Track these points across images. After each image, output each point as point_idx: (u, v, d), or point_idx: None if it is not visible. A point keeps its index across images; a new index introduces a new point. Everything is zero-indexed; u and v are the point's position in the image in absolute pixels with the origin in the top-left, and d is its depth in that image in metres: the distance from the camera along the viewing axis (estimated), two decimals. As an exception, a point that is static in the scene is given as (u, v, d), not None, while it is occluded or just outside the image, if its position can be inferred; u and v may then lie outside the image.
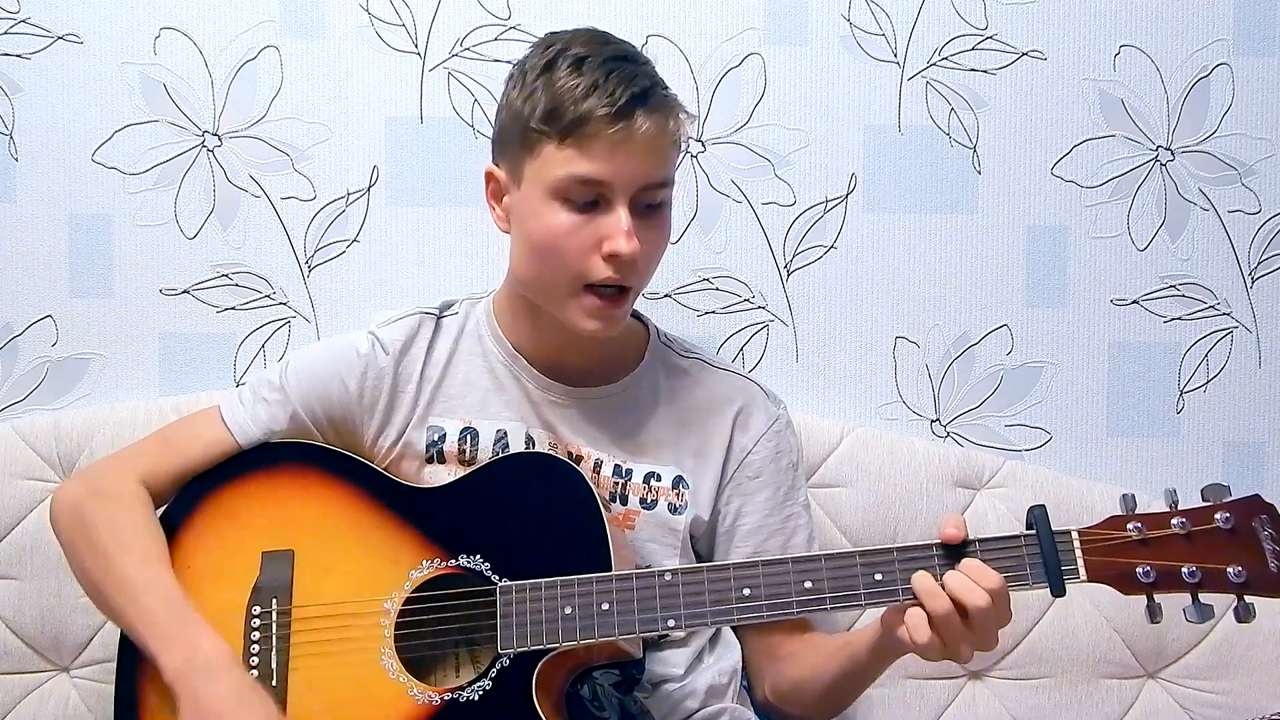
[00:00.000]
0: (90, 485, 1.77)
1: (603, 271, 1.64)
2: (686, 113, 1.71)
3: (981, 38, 2.23)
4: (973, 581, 1.46)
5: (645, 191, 1.65)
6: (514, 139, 1.67)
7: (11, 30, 2.13)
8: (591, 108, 1.59)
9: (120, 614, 1.66)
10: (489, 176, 1.75)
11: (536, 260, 1.68)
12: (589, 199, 1.63)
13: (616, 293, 1.67)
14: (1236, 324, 2.29)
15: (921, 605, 1.47)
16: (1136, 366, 2.28)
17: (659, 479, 1.78)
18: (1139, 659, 2.15)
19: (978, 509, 2.15)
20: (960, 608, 1.46)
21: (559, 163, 1.62)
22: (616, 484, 1.77)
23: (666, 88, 1.68)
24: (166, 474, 1.76)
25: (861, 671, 1.69)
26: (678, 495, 1.78)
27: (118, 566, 1.67)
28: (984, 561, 1.48)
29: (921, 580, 1.48)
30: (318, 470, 1.75)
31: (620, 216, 1.62)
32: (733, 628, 1.88)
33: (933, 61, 2.23)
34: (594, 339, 1.71)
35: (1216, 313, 2.28)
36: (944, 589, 1.47)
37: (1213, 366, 2.29)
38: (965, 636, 1.47)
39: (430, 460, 1.78)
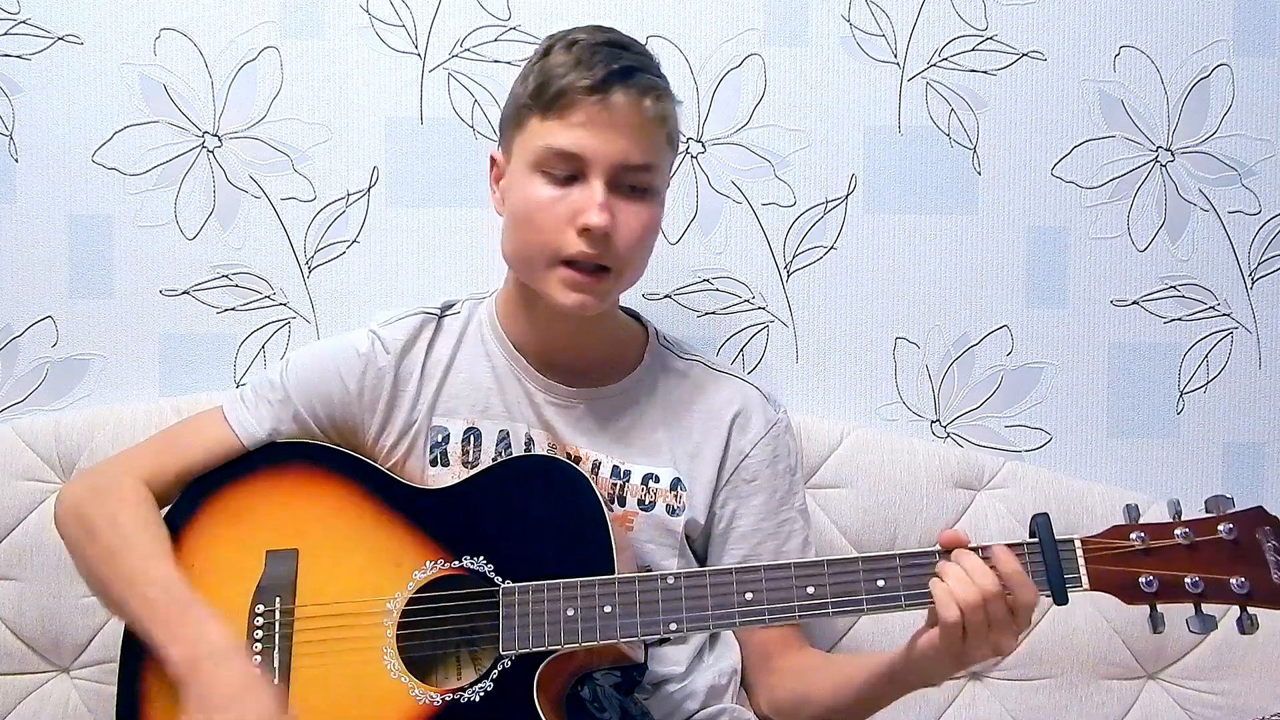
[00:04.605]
0: (91, 485, 1.77)
1: (576, 245, 1.65)
2: (673, 97, 1.73)
3: (981, 38, 2.23)
4: (982, 564, 1.48)
5: (626, 172, 1.66)
6: (509, 119, 1.73)
7: (11, 31, 2.13)
8: (572, 81, 1.64)
9: (125, 608, 1.66)
10: (492, 161, 1.79)
11: (518, 233, 1.70)
12: (568, 173, 1.66)
13: (594, 269, 1.67)
14: (1236, 325, 2.29)
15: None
16: (1136, 367, 2.28)
17: (657, 480, 1.79)
18: (1139, 660, 2.15)
19: (978, 510, 2.15)
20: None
21: (540, 135, 1.66)
22: (615, 485, 1.78)
23: (659, 75, 1.71)
24: (169, 474, 1.76)
25: (874, 699, 1.69)
26: (675, 497, 1.78)
27: (121, 562, 1.67)
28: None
29: (952, 571, 1.49)
30: (322, 470, 1.75)
31: (595, 190, 1.64)
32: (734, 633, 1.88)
33: (933, 62, 2.23)
34: (584, 327, 1.74)
35: (1216, 313, 2.28)
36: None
37: (1213, 367, 2.29)
38: (983, 632, 1.46)
39: (434, 462, 1.78)
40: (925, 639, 1.52)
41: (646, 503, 1.78)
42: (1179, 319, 2.28)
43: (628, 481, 1.78)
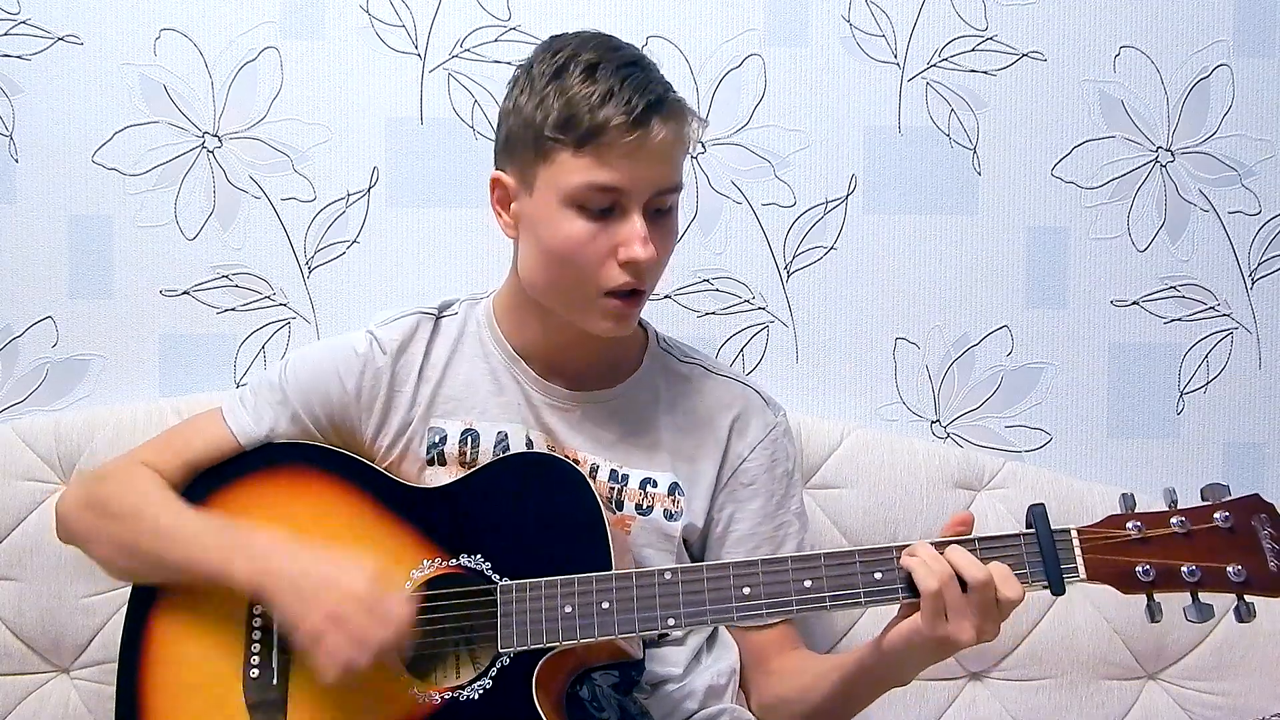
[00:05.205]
0: (94, 476, 1.81)
1: (620, 278, 1.63)
2: (698, 117, 1.70)
3: (981, 39, 2.23)
4: (973, 557, 1.47)
5: (658, 197, 1.64)
6: (525, 146, 1.65)
7: (11, 31, 2.13)
8: (609, 116, 1.58)
9: (167, 561, 1.67)
10: (495, 183, 1.72)
11: (552, 267, 1.67)
12: (604, 206, 1.62)
13: (632, 294, 1.67)
14: (1236, 325, 2.29)
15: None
16: (1136, 367, 2.28)
17: (655, 485, 1.78)
18: (1139, 660, 2.15)
19: (978, 510, 2.13)
20: (960, 581, 1.46)
21: (576, 171, 1.60)
22: (613, 489, 1.77)
23: (676, 92, 1.67)
24: (166, 471, 1.75)
25: (851, 696, 1.68)
26: (673, 502, 1.78)
27: (147, 520, 1.69)
28: (984, 560, 1.48)
29: (923, 548, 1.49)
30: (319, 471, 1.74)
31: (636, 223, 1.61)
32: (730, 631, 1.88)
33: (933, 62, 2.23)
34: (599, 340, 1.72)
35: (1216, 314, 2.28)
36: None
37: (1213, 367, 2.29)
38: (965, 611, 1.46)
39: (431, 462, 1.77)
40: (908, 624, 1.51)
41: (644, 507, 1.77)
42: (1179, 319, 2.28)
43: (625, 486, 1.77)
